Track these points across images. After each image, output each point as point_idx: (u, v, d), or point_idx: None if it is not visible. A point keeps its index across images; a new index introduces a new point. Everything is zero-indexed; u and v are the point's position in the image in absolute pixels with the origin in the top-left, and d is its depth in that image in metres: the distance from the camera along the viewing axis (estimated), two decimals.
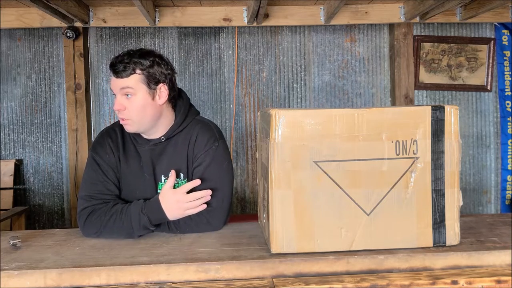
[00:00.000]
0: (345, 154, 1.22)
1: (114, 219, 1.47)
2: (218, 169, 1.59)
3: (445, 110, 1.24)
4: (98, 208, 1.51)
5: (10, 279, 1.15)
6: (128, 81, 1.54)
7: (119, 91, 1.55)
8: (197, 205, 1.49)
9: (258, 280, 1.17)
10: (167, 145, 1.62)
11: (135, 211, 1.47)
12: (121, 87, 1.55)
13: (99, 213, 1.49)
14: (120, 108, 1.55)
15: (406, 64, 3.77)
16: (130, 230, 1.45)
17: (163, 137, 1.61)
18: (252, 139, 3.86)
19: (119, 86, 1.55)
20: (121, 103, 1.55)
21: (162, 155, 1.61)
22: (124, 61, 1.53)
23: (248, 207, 3.88)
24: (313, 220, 1.22)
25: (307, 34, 3.85)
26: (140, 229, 1.46)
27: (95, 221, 1.48)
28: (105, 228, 1.47)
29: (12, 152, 3.75)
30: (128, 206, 1.50)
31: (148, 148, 1.61)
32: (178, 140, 1.63)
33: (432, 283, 1.13)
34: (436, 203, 1.25)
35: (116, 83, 1.56)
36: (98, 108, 3.79)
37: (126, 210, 1.48)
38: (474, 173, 3.93)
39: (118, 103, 1.55)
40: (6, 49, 3.74)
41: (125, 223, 1.46)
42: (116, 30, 3.76)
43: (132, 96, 1.55)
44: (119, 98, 1.56)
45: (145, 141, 1.62)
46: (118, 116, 1.58)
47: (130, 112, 1.55)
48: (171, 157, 1.61)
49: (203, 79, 3.81)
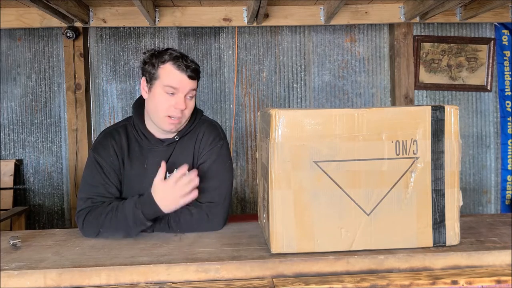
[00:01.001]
0: (345, 154, 1.22)
1: (110, 217, 1.46)
2: (222, 167, 1.60)
3: (445, 110, 1.24)
4: (95, 208, 1.51)
5: (10, 279, 1.15)
6: (195, 84, 1.57)
7: (188, 92, 1.55)
8: (189, 190, 1.43)
9: (258, 280, 1.17)
10: (176, 144, 1.63)
11: (129, 207, 1.46)
12: (191, 88, 1.55)
13: (96, 213, 1.49)
14: (184, 107, 1.54)
15: (406, 64, 3.77)
16: (127, 227, 1.44)
17: (177, 136, 1.62)
18: (252, 139, 3.86)
19: (191, 87, 1.55)
20: (187, 105, 1.56)
21: (171, 154, 1.61)
22: (191, 62, 1.55)
23: (248, 207, 3.88)
24: (313, 220, 1.22)
25: (307, 34, 3.85)
26: (136, 225, 1.44)
27: (93, 221, 1.48)
28: (103, 228, 1.46)
29: (12, 152, 3.75)
30: (123, 203, 1.48)
31: (162, 148, 1.61)
32: (185, 137, 1.64)
33: (432, 283, 1.13)
34: (436, 203, 1.25)
35: (187, 83, 1.54)
36: (98, 108, 3.79)
37: (122, 207, 1.47)
38: (474, 173, 3.93)
39: (183, 102, 1.54)
40: (6, 49, 3.74)
41: (121, 220, 1.45)
42: (116, 30, 3.76)
43: (192, 98, 1.58)
44: (183, 98, 1.54)
45: (158, 141, 1.61)
46: (171, 114, 1.54)
47: (186, 113, 1.57)
48: (178, 155, 1.61)
49: (203, 79, 3.81)
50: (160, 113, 1.54)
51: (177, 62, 1.52)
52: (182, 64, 1.52)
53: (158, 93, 1.54)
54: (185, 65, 1.52)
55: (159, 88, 1.54)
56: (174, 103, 1.52)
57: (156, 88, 1.54)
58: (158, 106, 1.54)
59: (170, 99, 1.53)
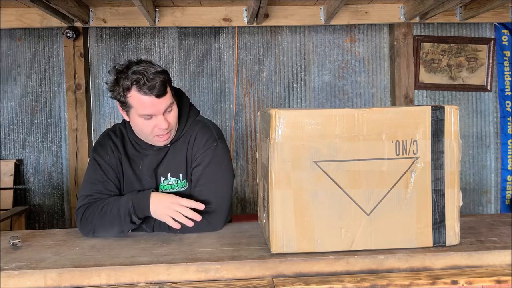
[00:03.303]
0: (345, 154, 1.22)
1: (105, 210, 1.48)
2: (217, 169, 1.58)
3: (445, 110, 1.24)
4: (93, 204, 1.53)
5: (10, 279, 1.15)
6: (168, 98, 1.49)
7: (164, 109, 1.49)
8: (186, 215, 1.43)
9: (258, 280, 1.17)
10: (169, 148, 1.62)
11: (125, 197, 1.49)
12: (166, 105, 1.49)
13: (93, 207, 1.51)
14: (167, 125, 1.50)
15: (406, 64, 3.77)
16: (118, 217, 1.45)
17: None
18: (252, 139, 3.86)
19: (164, 106, 1.48)
20: (168, 120, 1.51)
21: (163, 157, 1.61)
22: (153, 76, 1.45)
23: (248, 207, 3.88)
24: (313, 220, 1.22)
25: (307, 34, 3.85)
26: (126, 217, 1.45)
27: (90, 215, 1.49)
28: (98, 219, 1.47)
29: (12, 152, 3.75)
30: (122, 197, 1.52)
31: (152, 152, 1.61)
32: (177, 142, 1.62)
33: (432, 283, 1.13)
34: (436, 203, 1.25)
35: (159, 104, 1.47)
36: (98, 108, 3.79)
37: (118, 199, 1.50)
38: (474, 173, 3.93)
39: (164, 121, 1.49)
40: (6, 49, 3.73)
41: (114, 210, 1.47)
42: (116, 30, 3.76)
43: (172, 109, 1.52)
44: (162, 118, 1.49)
45: (148, 146, 1.61)
46: (158, 133, 1.51)
47: (172, 124, 1.54)
48: (171, 159, 1.61)
49: (203, 79, 3.81)
50: (148, 136, 1.55)
51: (140, 86, 1.44)
52: (145, 87, 1.44)
53: (137, 120, 1.51)
54: (148, 86, 1.43)
55: (136, 116, 1.51)
56: (155, 124, 1.50)
57: (133, 116, 1.51)
58: (143, 130, 1.53)
59: (150, 122, 1.50)
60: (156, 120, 1.49)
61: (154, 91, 1.44)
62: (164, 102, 1.48)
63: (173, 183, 1.60)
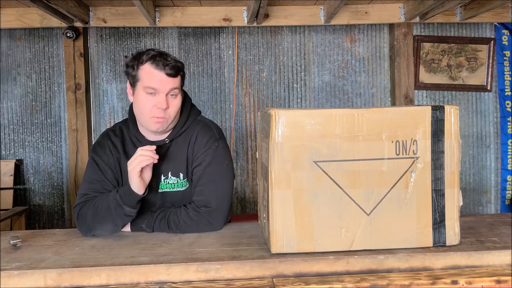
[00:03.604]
0: (345, 154, 1.22)
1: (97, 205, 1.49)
2: (218, 169, 1.58)
3: (445, 110, 1.24)
4: (88, 201, 1.54)
5: (10, 279, 1.15)
6: (176, 82, 1.53)
7: (169, 91, 1.51)
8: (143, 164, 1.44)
9: (258, 280, 1.17)
10: (169, 147, 1.62)
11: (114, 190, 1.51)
12: (172, 87, 1.52)
13: (87, 205, 1.52)
14: (166, 107, 1.51)
15: (406, 64, 3.77)
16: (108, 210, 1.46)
17: (167, 139, 1.61)
18: (252, 139, 3.86)
19: (171, 86, 1.51)
20: (167, 102, 1.52)
21: (164, 156, 1.61)
22: (171, 59, 1.51)
23: (248, 207, 3.89)
24: (313, 220, 1.22)
25: (307, 34, 3.85)
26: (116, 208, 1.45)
27: (84, 213, 1.50)
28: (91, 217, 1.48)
29: (12, 152, 3.75)
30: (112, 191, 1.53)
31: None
32: (178, 140, 1.62)
33: (432, 283, 1.13)
34: (436, 203, 1.25)
35: (166, 82, 1.50)
36: (98, 108, 3.79)
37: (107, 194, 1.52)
38: (474, 173, 3.93)
39: (165, 101, 1.50)
40: (6, 49, 3.74)
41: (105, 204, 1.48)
42: (116, 30, 3.76)
43: (176, 96, 1.54)
44: (165, 97, 1.51)
45: (149, 143, 1.60)
46: (155, 114, 1.52)
47: (171, 112, 1.54)
48: (171, 157, 1.61)
49: (203, 79, 3.81)
50: (145, 115, 1.53)
51: (155, 61, 1.49)
52: (160, 63, 1.49)
53: (140, 95, 1.52)
54: (163, 63, 1.49)
55: (140, 90, 1.52)
56: (156, 103, 1.50)
57: (138, 91, 1.53)
58: (142, 108, 1.53)
59: (152, 99, 1.51)
60: (158, 98, 1.50)
61: (166, 68, 1.49)
62: (172, 83, 1.51)
63: (174, 182, 1.61)
